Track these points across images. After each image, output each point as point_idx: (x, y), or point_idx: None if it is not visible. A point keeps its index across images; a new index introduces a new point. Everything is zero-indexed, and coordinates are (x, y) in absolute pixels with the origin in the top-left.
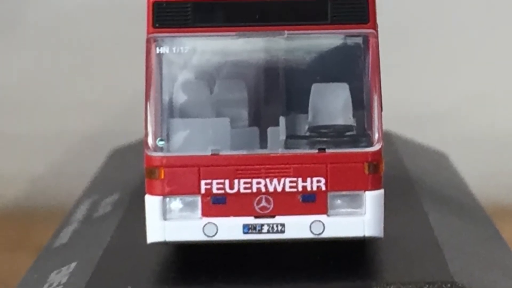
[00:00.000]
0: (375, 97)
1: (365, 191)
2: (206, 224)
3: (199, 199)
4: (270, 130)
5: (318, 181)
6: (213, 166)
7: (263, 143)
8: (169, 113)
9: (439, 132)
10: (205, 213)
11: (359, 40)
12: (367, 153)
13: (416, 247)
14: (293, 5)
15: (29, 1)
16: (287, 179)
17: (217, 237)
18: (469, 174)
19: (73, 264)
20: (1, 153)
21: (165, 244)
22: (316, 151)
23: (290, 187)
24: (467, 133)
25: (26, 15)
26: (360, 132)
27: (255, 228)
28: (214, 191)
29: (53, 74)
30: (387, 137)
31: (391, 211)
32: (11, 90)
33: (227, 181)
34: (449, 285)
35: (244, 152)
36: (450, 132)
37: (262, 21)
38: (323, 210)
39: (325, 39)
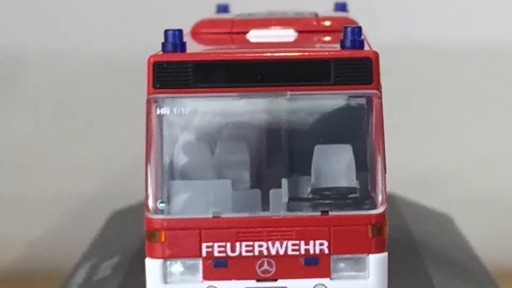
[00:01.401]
0: (379, 159)
1: (368, 254)
2: None
3: (200, 262)
4: (272, 192)
5: (321, 244)
6: (215, 228)
7: (265, 205)
8: (170, 175)
9: (443, 195)
10: (206, 277)
11: (363, 101)
12: (370, 215)
13: None
14: (295, 66)
15: (28, 63)
16: (290, 242)
17: None
18: (474, 237)
19: None
20: None
21: None
22: (319, 213)
23: (293, 250)
24: (472, 196)
25: (24, 76)
26: (363, 194)
27: None
28: (216, 254)
29: (52, 136)
30: (391, 199)
31: (395, 274)
32: (9, 152)
33: (228, 244)
34: None
35: (246, 215)
36: (455, 195)
37: (264, 81)
38: (326, 274)
39: (328, 100)
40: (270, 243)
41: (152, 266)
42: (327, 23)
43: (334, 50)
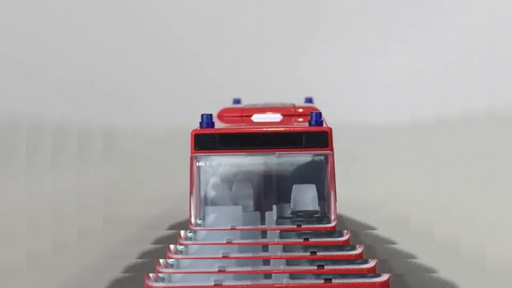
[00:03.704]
0: (332, 192)
1: None
2: None
3: None
4: (267, 214)
5: None
6: None
7: (263, 220)
8: (205, 202)
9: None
10: None
11: (322, 158)
12: (374, 283)
13: None
14: (281, 136)
15: (24, 136)
16: None
17: None
18: None
19: None
20: None
21: None
22: (322, 281)
23: None
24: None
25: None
26: (322, 214)
27: None
28: None
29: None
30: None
31: None
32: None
33: None
34: None
35: (248, 283)
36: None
37: (262, 145)
38: None
39: (301, 157)
40: None
41: None
42: (300, 110)
43: (305, 127)
